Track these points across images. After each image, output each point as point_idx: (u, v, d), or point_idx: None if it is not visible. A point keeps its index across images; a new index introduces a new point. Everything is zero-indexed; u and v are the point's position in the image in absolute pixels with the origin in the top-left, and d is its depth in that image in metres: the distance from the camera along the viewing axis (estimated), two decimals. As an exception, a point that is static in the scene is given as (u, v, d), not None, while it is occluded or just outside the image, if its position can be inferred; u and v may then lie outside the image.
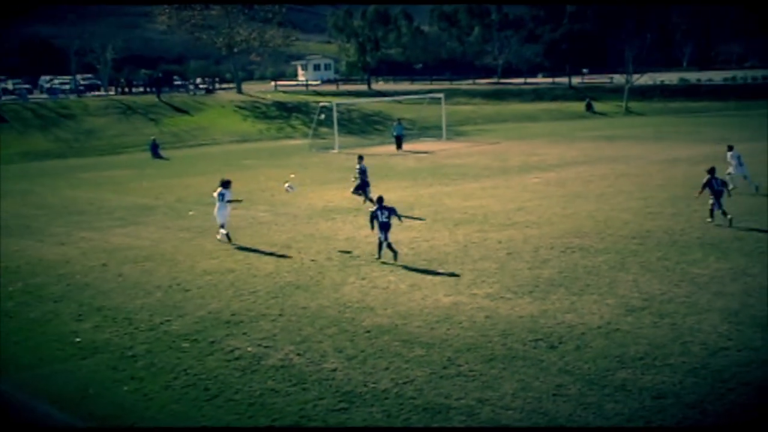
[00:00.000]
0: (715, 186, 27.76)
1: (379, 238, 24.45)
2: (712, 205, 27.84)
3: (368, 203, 32.28)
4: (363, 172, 34.52)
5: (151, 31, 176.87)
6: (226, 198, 28.07)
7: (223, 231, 28.02)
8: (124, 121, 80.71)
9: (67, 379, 15.93)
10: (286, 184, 31.67)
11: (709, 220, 27.88)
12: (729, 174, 31.65)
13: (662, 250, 24.15)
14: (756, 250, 23.75)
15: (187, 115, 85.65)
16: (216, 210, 28.29)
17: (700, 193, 28.57)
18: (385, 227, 24.38)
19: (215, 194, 28.39)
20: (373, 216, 24.56)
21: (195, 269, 24.28)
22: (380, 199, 25.11)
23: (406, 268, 23.27)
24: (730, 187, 30.88)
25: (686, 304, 18.80)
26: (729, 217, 27.30)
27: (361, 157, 35.64)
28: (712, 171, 27.99)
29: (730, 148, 34.86)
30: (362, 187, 34.38)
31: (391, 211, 24.61)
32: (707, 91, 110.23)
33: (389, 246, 24.32)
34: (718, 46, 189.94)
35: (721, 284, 20.34)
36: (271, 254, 25.86)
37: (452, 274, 22.36)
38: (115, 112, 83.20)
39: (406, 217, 28.57)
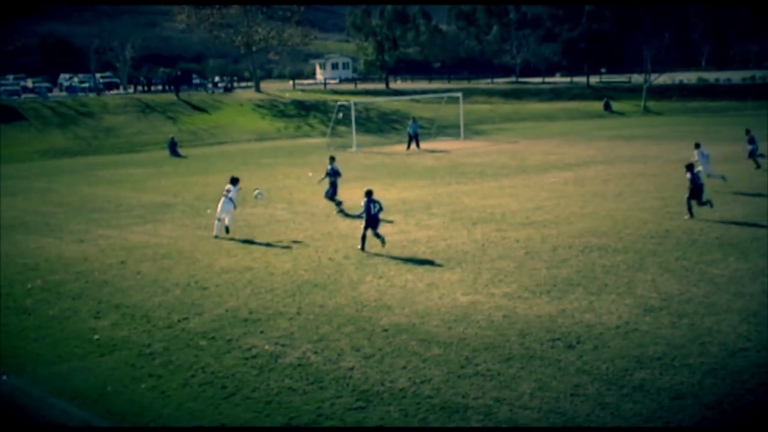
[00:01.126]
0: (696, 181, 29.04)
1: (364, 230, 25.65)
2: (688, 198, 29.07)
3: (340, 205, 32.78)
4: (335, 173, 34.05)
5: (170, 30, 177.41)
6: (231, 195, 28.98)
7: (218, 224, 29.11)
8: (143, 119, 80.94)
9: (86, 377, 15.99)
10: (256, 191, 31.53)
11: (686, 216, 28.88)
12: (698, 171, 31.74)
13: (681, 250, 24.06)
14: (775, 250, 23.64)
15: (205, 113, 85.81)
16: (220, 204, 29.17)
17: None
18: (374, 220, 25.59)
19: (227, 189, 29.44)
20: (366, 208, 25.54)
21: (213, 267, 24.34)
22: (369, 192, 25.92)
23: (423, 266, 23.27)
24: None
25: (705, 304, 18.72)
26: (710, 206, 28.99)
27: (333, 158, 35.06)
28: (690, 167, 29.41)
29: (697, 146, 35.80)
30: (332, 191, 33.87)
31: (380, 206, 25.84)
32: (725, 90, 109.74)
33: (377, 235, 25.54)
34: (736, 45, 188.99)
35: (741, 285, 20.24)
36: (288, 252, 25.90)
37: (470, 273, 22.33)
38: (134, 110, 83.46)
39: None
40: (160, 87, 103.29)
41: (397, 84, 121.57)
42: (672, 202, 32.26)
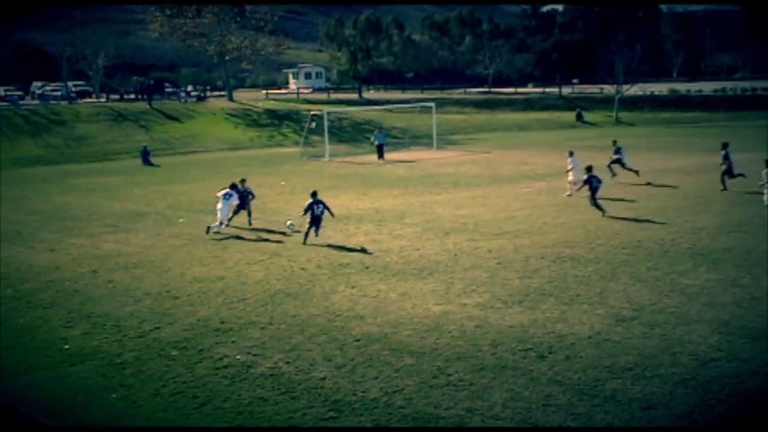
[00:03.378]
0: (593, 183, 31.87)
1: (308, 229, 28.41)
2: (591, 198, 31.93)
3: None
4: (248, 195, 32.46)
5: (143, 39, 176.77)
6: (232, 200, 30.90)
7: (216, 224, 30.44)
8: (116, 128, 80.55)
9: (56, 386, 15.86)
10: (288, 222, 31.29)
11: (602, 214, 31.52)
12: (593, 175, 32.77)
13: (652, 261, 24.19)
14: (746, 261, 23.80)
15: (178, 122, 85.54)
16: (219, 206, 30.74)
17: (579, 189, 33.32)
18: (317, 220, 28.39)
19: (220, 194, 31.03)
20: (309, 208, 28.33)
21: (185, 276, 24.23)
22: (314, 194, 28.91)
23: (396, 276, 23.27)
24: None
25: (676, 314, 18.82)
26: (604, 212, 31.50)
27: (243, 180, 33.10)
28: (589, 169, 32.54)
29: (571, 154, 38.78)
30: (241, 207, 32.16)
31: (325, 206, 28.70)
32: (697, 101, 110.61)
33: (316, 232, 28.44)
34: (707, 57, 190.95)
35: (711, 295, 20.37)
36: (261, 262, 25.82)
37: (442, 283, 22.34)
38: (107, 118, 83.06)
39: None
40: (132, 95, 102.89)
41: (371, 94, 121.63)
42: (644, 212, 32.46)
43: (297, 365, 16.33)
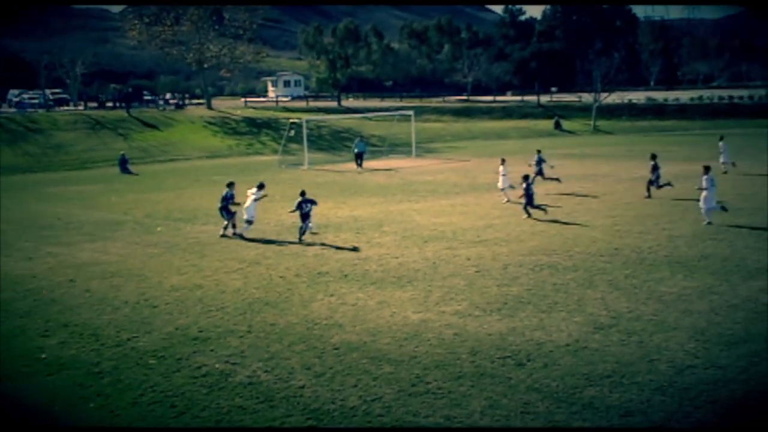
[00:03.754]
0: (529, 191, 33.86)
1: (301, 227, 30.46)
2: (525, 205, 33.90)
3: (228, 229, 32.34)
4: (230, 198, 32.44)
5: (121, 46, 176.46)
6: (255, 197, 32.01)
7: (245, 226, 31.63)
8: (93, 136, 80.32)
9: (33, 396, 15.75)
10: (234, 231, 31.96)
11: (525, 216, 33.73)
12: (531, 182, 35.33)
13: (630, 268, 24.29)
14: (722, 268, 23.94)
15: (156, 130, 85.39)
16: (246, 206, 31.66)
17: (521, 196, 35.05)
18: (307, 217, 30.46)
19: (251, 192, 32.38)
20: (298, 206, 30.41)
21: (163, 285, 24.15)
22: (303, 193, 31.02)
23: (374, 284, 23.27)
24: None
25: (654, 322, 18.90)
26: (526, 217, 33.55)
27: (231, 183, 33.04)
28: (526, 178, 34.64)
29: (503, 162, 40.52)
30: (227, 214, 32.30)
31: (313, 203, 30.84)
32: (674, 110, 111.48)
33: (309, 229, 30.57)
34: (684, 66, 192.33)
35: (689, 302, 20.47)
36: (239, 270, 25.77)
37: (421, 291, 22.36)
38: (84, 126, 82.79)
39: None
40: (110, 103, 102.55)
41: (349, 102, 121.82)
42: (621, 220, 32.60)
43: (276, 374, 16.30)
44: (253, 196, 32.01)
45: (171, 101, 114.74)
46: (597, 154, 65.53)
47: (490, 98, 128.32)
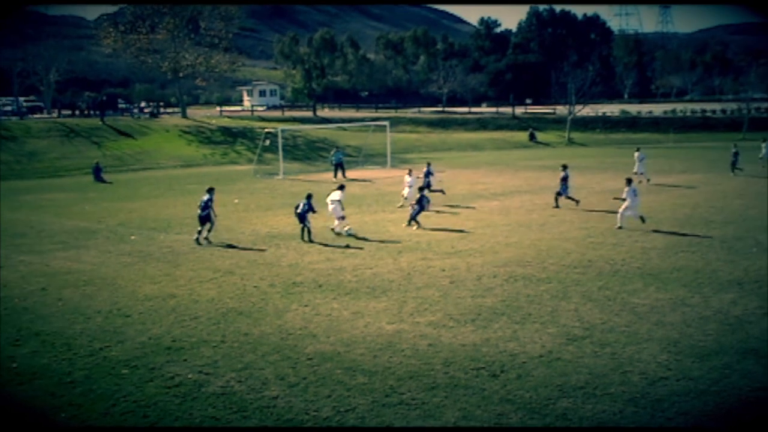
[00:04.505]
0: (424, 202, 35.47)
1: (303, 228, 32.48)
2: (413, 214, 35.14)
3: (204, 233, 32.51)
4: (210, 203, 32.64)
5: (96, 54, 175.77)
6: (339, 199, 33.94)
7: (344, 223, 33.67)
8: (67, 144, 79.88)
9: (4, 406, 15.62)
10: (347, 228, 33.53)
11: (413, 226, 34.88)
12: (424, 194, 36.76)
13: (603, 280, 24.41)
14: (695, 280, 24.11)
15: (131, 138, 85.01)
16: (331, 208, 33.92)
17: (412, 205, 35.94)
18: (301, 218, 32.30)
19: (331, 200, 34.31)
20: (304, 212, 32.40)
21: (136, 294, 24.03)
22: (309, 196, 33.03)
23: (349, 295, 23.26)
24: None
25: (626, 333, 19.00)
26: (415, 225, 34.80)
27: (211, 189, 33.54)
28: (422, 189, 37.04)
29: (409, 172, 42.82)
30: (205, 221, 32.54)
31: (307, 207, 32.55)
32: (647, 122, 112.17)
33: (302, 228, 32.49)
34: (658, 79, 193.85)
35: (661, 314, 20.59)
36: (213, 280, 25.68)
37: (395, 302, 22.37)
38: (58, 134, 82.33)
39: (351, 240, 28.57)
40: (78, 113, 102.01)
41: (325, 112, 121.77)
42: (595, 232, 32.77)
43: (249, 384, 16.26)
44: (336, 198, 34.06)
45: (146, 110, 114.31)
46: (571, 166, 65.57)
47: (465, 109, 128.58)
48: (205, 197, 32.66)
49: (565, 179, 40.19)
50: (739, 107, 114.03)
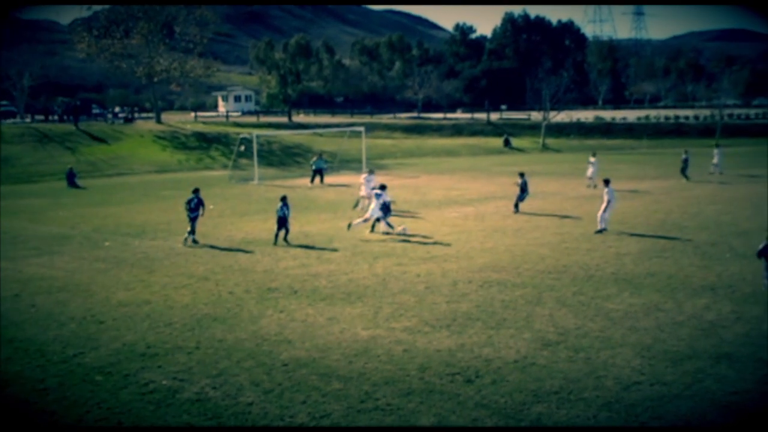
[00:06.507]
0: (385, 206, 35.05)
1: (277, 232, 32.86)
2: (378, 219, 34.87)
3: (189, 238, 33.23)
4: (194, 203, 33.41)
5: (70, 59, 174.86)
6: (382, 198, 34.57)
7: (389, 224, 34.50)
8: (40, 149, 79.42)
9: (-24, 413, 15.52)
10: (402, 227, 34.80)
11: (386, 231, 34.79)
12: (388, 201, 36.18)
13: (578, 285, 24.52)
14: (668, 285, 24.26)
15: (105, 144, 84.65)
16: (371, 207, 34.90)
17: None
18: (281, 221, 32.64)
19: (373, 192, 35.87)
20: (284, 216, 32.66)
21: (110, 301, 23.91)
22: (284, 198, 33.12)
23: (324, 301, 23.25)
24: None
25: (600, 338, 19.10)
26: (393, 231, 34.56)
27: (197, 190, 34.28)
28: (382, 187, 35.88)
29: (371, 172, 43.76)
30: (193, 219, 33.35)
31: (285, 206, 32.79)
32: (621, 129, 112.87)
33: (280, 231, 32.82)
34: (632, 85, 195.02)
35: (635, 319, 20.71)
36: (188, 286, 25.60)
37: (371, 308, 22.38)
38: (31, 139, 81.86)
39: (328, 249, 28.58)
40: (56, 117, 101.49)
41: (300, 117, 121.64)
42: (569, 237, 32.91)
43: (224, 390, 16.22)
44: (379, 198, 34.72)
45: (120, 115, 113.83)
46: (545, 171, 65.98)
47: (440, 115, 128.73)
48: (192, 197, 33.12)
49: (524, 185, 40.38)
50: (712, 113, 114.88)
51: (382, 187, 35.44)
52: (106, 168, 76.48)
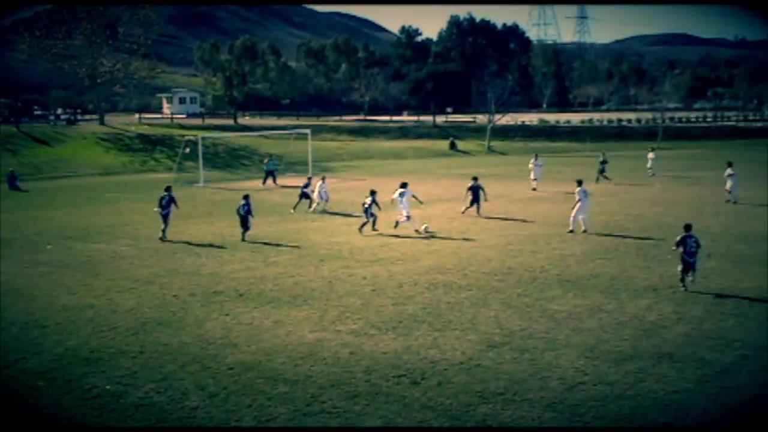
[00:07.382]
0: (370, 209, 35.99)
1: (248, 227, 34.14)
2: (365, 223, 35.67)
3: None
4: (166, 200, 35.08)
5: (11, 59, 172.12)
6: (406, 196, 35.89)
7: (411, 221, 35.57)
8: (-20, 152, 78.21)
9: None
10: (424, 226, 35.67)
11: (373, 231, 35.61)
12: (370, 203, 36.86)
13: (523, 287, 24.71)
14: (611, 287, 24.55)
15: (47, 146, 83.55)
16: (400, 206, 35.82)
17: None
18: (243, 220, 34.04)
19: (395, 195, 36.48)
20: (246, 214, 33.93)
21: (53, 305, 23.62)
22: (246, 196, 34.43)
23: (270, 304, 23.18)
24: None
25: (545, 339, 19.27)
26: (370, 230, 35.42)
27: (169, 187, 36.20)
28: (373, 193, 36.58)
29: (323, 179, 45.03)
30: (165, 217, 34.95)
31: (249, 206, 34.24)
32: (565, 131, 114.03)
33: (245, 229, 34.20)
34: (576, 89, 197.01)
35: (579, 320, 20.93)
36: (132, 290, 25.37)
37: (317, 310, 22.36)
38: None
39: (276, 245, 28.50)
40: (8, 119, 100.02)
41: (246, 120, 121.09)
42: (515, 240, 33.14)
43: (169, 394, 16.11)
44: (401, 197, 36.03)
45: (63, 116, 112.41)
46: (491, 174, 66.29)
47: (386, 118, 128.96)
48: (164, 195, 34.88)
49: (475, 190, 40.54)
50: (654, 117, 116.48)
51: (404, 185, 36.80)
52: (49, 170, 75.53)
